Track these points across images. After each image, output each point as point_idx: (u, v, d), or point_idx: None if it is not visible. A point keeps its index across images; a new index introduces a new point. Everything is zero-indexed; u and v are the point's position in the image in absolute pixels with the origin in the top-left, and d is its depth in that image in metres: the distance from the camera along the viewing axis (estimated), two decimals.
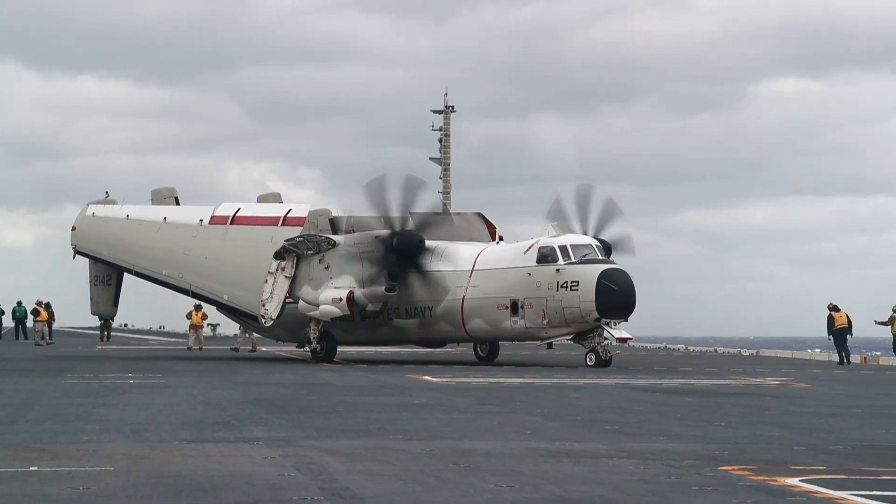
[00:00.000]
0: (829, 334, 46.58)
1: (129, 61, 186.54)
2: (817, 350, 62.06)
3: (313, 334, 45.31)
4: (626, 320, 41.51)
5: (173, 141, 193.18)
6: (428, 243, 44.34)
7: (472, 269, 43.53)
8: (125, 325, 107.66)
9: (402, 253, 43.53)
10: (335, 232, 46.22)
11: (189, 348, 57.28)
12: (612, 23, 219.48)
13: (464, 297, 43.37)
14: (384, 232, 43.88)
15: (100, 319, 67.16)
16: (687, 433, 18.95)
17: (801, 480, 13.49)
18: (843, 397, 27.95)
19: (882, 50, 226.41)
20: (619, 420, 21.16)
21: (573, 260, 41.35)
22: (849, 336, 46.72)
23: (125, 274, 51.95)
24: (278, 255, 45.56)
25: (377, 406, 23.89)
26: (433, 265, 44.03)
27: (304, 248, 45.37)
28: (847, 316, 46.47)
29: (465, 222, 46.86)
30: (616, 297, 40.65)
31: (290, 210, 47.61)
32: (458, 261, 43.90)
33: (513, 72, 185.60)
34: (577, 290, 40.86)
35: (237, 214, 48.63)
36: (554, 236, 42.53)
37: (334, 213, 47.17)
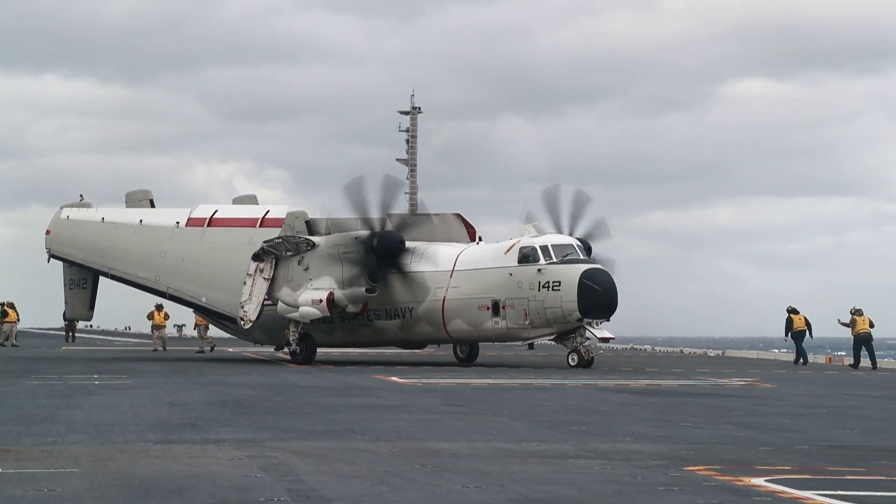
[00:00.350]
0: (786, 336, 47.11)
1: (94, 60, 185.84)
2: (784, 350, 62.42)
3: (293, 336, 44.94)
4: (609, 320, 41.47)
5: (139, 141, 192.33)
6: (408, 244, 44.15)
7: (453, 270, 43.39)
8: (90, 326, 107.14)
9: (382, 253, 43.32)
10: (312, 234, 45.98)
11: (155, 349, 56.92)
12: (579, 24, 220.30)
13: (444, 297, 43.23)
14: (364, 233, 43.72)
15: (64, 320, 66.66)
16: (653, 434, 19.01)
17: (766, 480, 13.56)
18: (808, 398, 28.11)
19: (846, 51, 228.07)
20: (585, 420, 21.21)
21: (555, 260, 41.26)
22: (809, 338, 47.42)
23: (100, 277, 51.58)
24: (257, 257, 45.31)
25: (344, 407, 23.87)
26: (414, 266, 43.79)
27: (283, 249, 45.10)
28: (805, 318, 46.97)
29: (443, 223, 46.62)
30: (598, 296, 40.61)
31: (267, 211, 47.32)
32: (438, 261, 43.72)
33: (480, 72, 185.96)
34: (558, 289, 40.82)
35: (214, 216, 48.27)
36: (535, 236, 42.40)
37: (311, 215, 46.97)
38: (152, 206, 51.25)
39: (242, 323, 45.52)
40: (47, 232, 51.61)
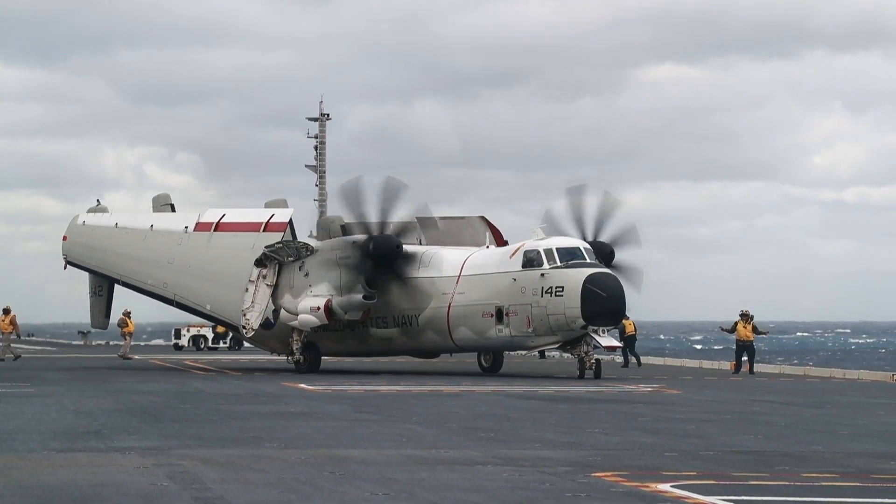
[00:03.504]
0: (620, 341, 47.43)
1: None
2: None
3: (296, 345, 43.07)
4: (616, 327, 39.39)
5: (45, 124, 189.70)
6: (413, 248, 42.17)
7: (460, 275, 41.16)
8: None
9: (378, 258, 41.27)
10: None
11: (125, 357, 54.76)
12: (495, 8, 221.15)
13: (450, 304, 41.03)
14: (360, 237, 41.80)
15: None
16: (561, 440, 19.12)
17: (672, 486, 13.69)
18: (713, 403, 28.44)
19: (758, 35, 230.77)
20: (494, 427, 21.27)
21: (558, 264, 38.64)
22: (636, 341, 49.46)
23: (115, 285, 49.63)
24: (259, 263, 43.51)
25: (252, 414, 23.71)
26: (416, 271, 41.74)
27: (285, 254, 43.39)
28: (633, 323, 48.57)
29: (469, 226, 44.35)
30: (603, 302, 37.98)
31: (272, 215, 45.43)
32: (443, 267, 41.63)
33: (396, 55, 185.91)
34: (561, 295, 38.23)
35: (221, 221, 46.54)
36: (541, 239, 39.90)
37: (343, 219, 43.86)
38: (172, 210, 49.40)
39: (244, 331, 43.85)
40: (64, 238, 50.29)
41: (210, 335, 76.05)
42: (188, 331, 75.30)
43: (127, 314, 55.13)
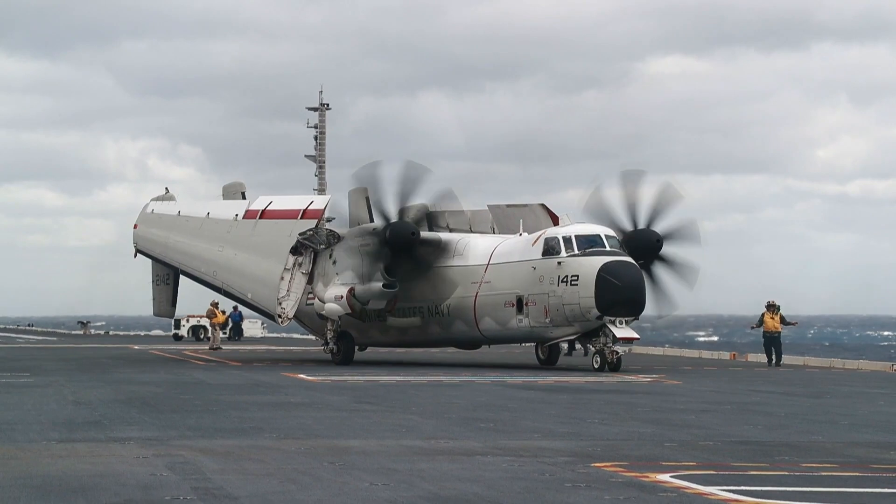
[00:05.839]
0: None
1: (1, 33, 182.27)
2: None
3: (329, 334, 42.46)
4: (637, 318, 37.94)
5: (47, 116, 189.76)
6: (435, 235, 41.40)
7: (488, 264, 39.98)
8: None
9: (395, 246, 40.33)
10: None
11: (214, 347, 54.84)
12: (500, 0, 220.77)
13: (476, 293, 39.95)
14: (379, 224, 40.85)
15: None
16: (560, 430, 19.12)
17: (671, 476, 13.69)
18: (713, 394, 28.45)
19: (764, 27, 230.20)
20: (494, 418, 21.27)
21: (575, 252, 37.26)
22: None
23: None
24: (295, 251, 42.79)
25: (252, 405, 23.71)
26: (450, 259, 40.77)
27: (317, 242, 42.68)
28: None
29: (530, 213, 42.10)
30: (619, 292, 36.56)
31: (311, 202, 44.76)
32: (473, 254, 40.49)
33: (399, 48, 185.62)
34: (576, 284, 36.94)
35: (267, 208, 45.98)
36: (564, 226, 38.72)
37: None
38: (244, 197, 48.79)
39: (280, 320, 43.21)
40: (135, 226, 50.38)
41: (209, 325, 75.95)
42: (188, 321, 75.26)
43: (215, 305, 55.09)
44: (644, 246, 39.80)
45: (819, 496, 12.63)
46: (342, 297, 41.10)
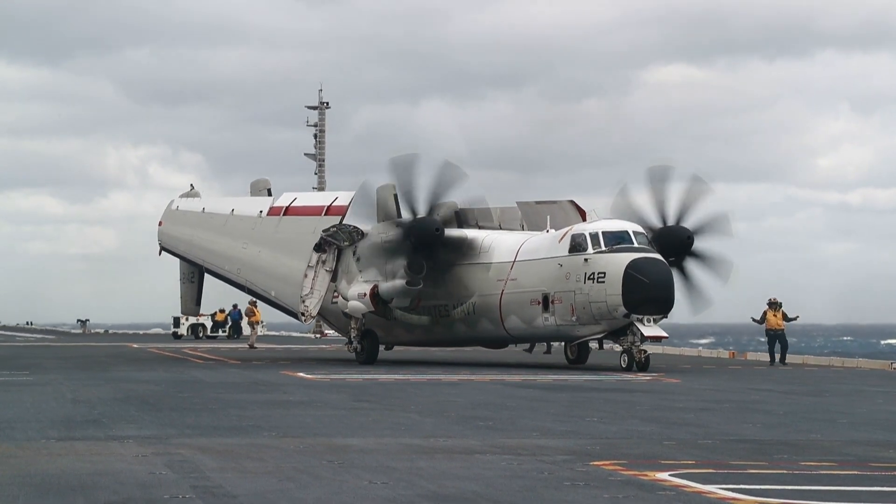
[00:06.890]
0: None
1: (2, 40, 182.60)
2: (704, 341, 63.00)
3: (353, 333, 41.62)
4: (666, 316, 36.99)
5: (48, 124, 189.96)
6: (462, 233, 40.54)
7: (514, 261, 39.27)
8: None
9: (418, 243, 39.38)
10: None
11: (252, 346, 54.82)
12: (502, 7, 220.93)
13: (502, 291, 39.24)
14: (404, 220, 39.94)
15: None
16: (559, 429, 19.12)
17: (670, 475, 13.69)
18: (712, 392, 28.45)
19: (766, 35, 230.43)
20: (493, 416, 21.27)
21: (602, 248, 36.52)
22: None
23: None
24: (319, 248, 42.07)
25: (250, 403, 23.71)
26: (476, 257, 40.05)
27: (341, 239, 41.91)
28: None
29: (560, 210, 41.29)
30: (647, 290, 35.85)
31: (335, 199, 44.53)
32: (499, 252, 39.76)
33: (402, 55, 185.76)
34: (603, 282, 36.26)
35: (291, 205, 45.88)
36: (591, 222, 38.16)
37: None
38: (269, 195, 48.48)
39: (303, 318, 42.73)
40: (159, 223, 50.11)
41: (209, 324, 76.10)
42: (187, 319, 75.33)
43: (253, 303, 55.04)
44: (675, 243, 39.33)
45: (818, 494, 12.63)
46: (365, 294, 40.43)
